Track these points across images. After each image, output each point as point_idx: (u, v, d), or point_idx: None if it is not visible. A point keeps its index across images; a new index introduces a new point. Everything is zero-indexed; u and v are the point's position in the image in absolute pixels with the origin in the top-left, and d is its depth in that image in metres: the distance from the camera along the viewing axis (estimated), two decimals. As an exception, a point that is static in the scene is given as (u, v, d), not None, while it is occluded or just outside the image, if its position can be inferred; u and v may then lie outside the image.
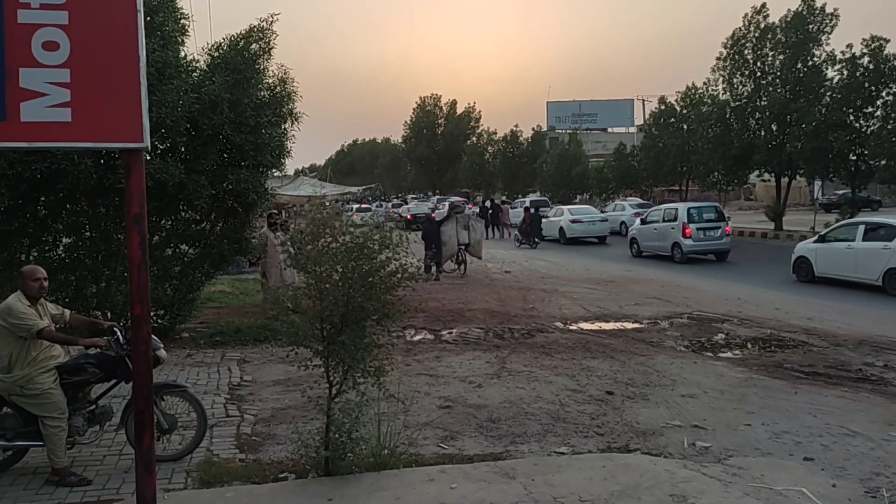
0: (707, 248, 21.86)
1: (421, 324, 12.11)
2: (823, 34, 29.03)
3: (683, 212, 22.05)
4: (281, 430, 6.54)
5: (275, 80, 9.75)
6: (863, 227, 15.96)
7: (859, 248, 15.51)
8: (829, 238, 16.69)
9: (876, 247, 15.12)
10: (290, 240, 5.74)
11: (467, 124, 71.98)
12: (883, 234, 15.19)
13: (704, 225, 21.69)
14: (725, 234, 21.92)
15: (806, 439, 6.30)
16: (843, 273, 15.96)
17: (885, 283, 14.76)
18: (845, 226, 17.14)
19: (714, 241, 21.69)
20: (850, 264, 15.69)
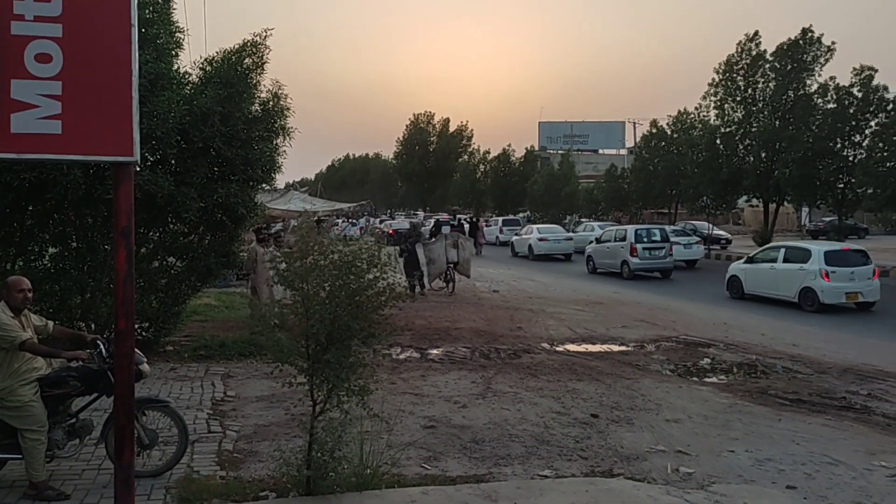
0: (652, 266, 23.82)
1: (407, 342, 12.08)
2: (818, 65, 29.48)
3: (631, 233, 24.28)
4: (263, 448, 6.48)
5: (268, 95, 9.77)
6: (784, 249, 17.96)
7: (780, 269, 17.39)
8: (756, 259, 18.56)
9: (793, 268, 16.99)
10: (278, 255, 5.73)
11: (459, 142, 72.19)
12: (800, 257, 17.09)
13: (650, 245, 23.78)
14: (670, 255, 24.06)
15: (789, 467, 6.31)
16: (767, 290, 17.75)
17: (800, 300, 16.65)
18: (770, 248, 19.09)
19: (659, 260, 23.77)
20: (773, 283, 17.53)
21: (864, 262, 16.80)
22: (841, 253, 17.14)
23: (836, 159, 27.53)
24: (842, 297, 16.29)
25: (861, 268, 16.65)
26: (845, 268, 16.45)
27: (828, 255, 16.71)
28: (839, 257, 16.76)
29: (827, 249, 17.23)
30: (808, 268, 16.60)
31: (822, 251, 16.95)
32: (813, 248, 17.34)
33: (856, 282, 16.43)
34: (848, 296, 16.32)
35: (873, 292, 16.59)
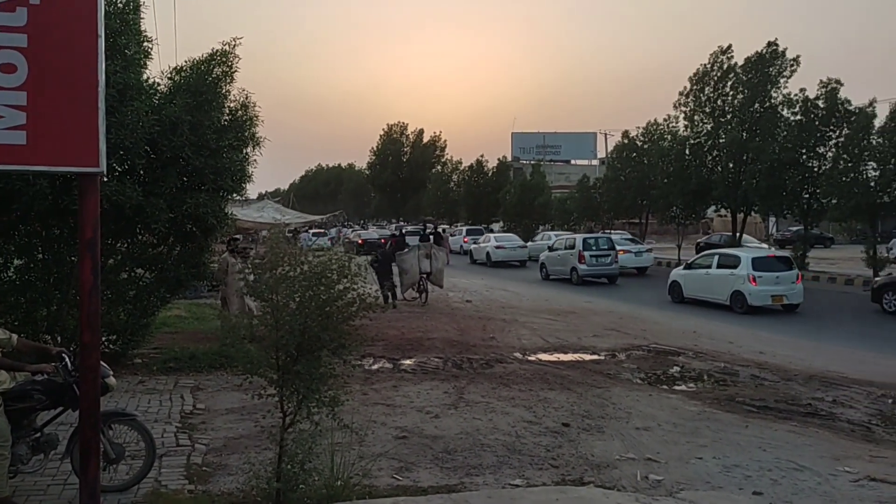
0: (599, 272, 25.55)
1: (380, 352, 12.05)
2: (783, 77, 30.06)
3: (580, 241, 26.03)
4: (233, 461, 6.42)
5: (237, 105, 9.74)
6: (717, 256, 19.59)
7: (714, 274, 18.84)
8: (694, 266, 20.10)
9: (725, 273, 18.43)
10: (247, 267, 5.70)
11: (433, 153, 72.28)
12: (731, 263, 18.52)
13: (597, 253, 25.44)
14: (615, 262, 25.68)
15: (756, 473, 6.40)
16: (703, 294, 19.14)
17: (731, 302, 18.03)
18: (705, 255, 20.62)
19: (605, 267, 25.43)
20: (708, 287, 18.96)
21: (788, 268, 18.31)
22: (767, 259, 18.60)
23: (802, 170, 28.01)
24: (768, 299, 17.67)
25: (785, 273, 18.06)
26: (771, 273, 17.87)
27: (755, 261, 18.14)
28: (765, 263, 18.19)
29: (754, 256, 18.72)
30: (738, 273, 18.03)
31: (750, 258, 18.38)
32: (742, 255, 18.81)
33: (781, 285, 17.80)
34: (774, 298, 17.69)
35: (797, 295, 17.91)
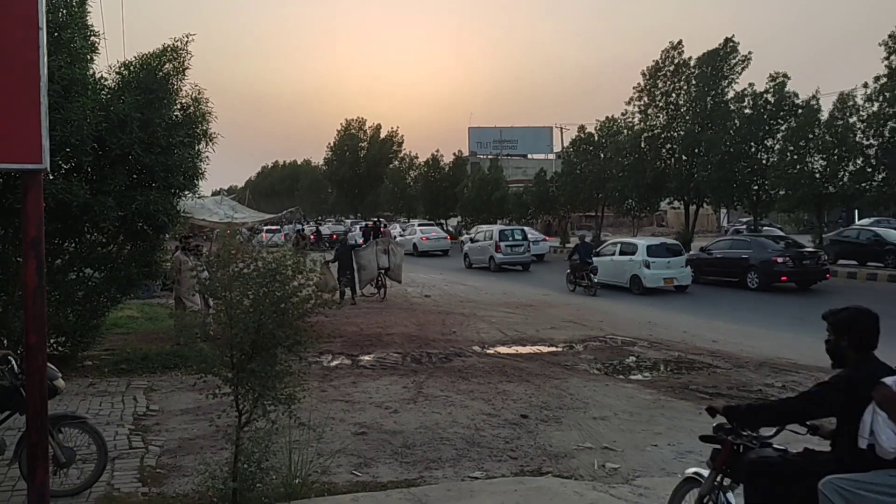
0: (514, 260, 28.12)
1: (338, 349, 11.99)
2: (735, 73, 30.77)
3: (496, 233, 28.78)
4: (188, 462, 6.32)
5: (188, 100, 9.56)
6: (619, 245, 22.05)
7: (616, 260, 21.18)
8: (602, 254, 22.18)
9: (625, 259, 20.83)
10: (200, 264, 5.61)
11: (390, 148, 71.98)
12: (630, 250, 21.01)
13: (512, 243, 28.06)
14: (528, 251, 28.48)
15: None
16: (609, 279, 20.95)
17: (630, 285, 20.26)
18: (610, 244, 23.15)
19: (519, 256, 28.13)
20: (612, 272, 20.99)
21: (678, 253, 20.76)
22: (660, 246, 21.00)
23: (751, 162, 28.75)
24: (660, 281, 19.89)
25: (676, 258, 20.46)
26: (663, 258, 20.22)
27: (649, 248, 20.51)
28: (658, 250, 20.55)
29: (649, 244, 21.14)
30: (635, 259, 20.37)
31: (646, 245, 20.83)
32: (638, 243, 21.46)
33: (671, 269, 20.08)
34: (665, 280, 19.96)
35: (686, 278, 20.26)
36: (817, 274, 20.19)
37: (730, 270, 21.07)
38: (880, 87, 23.28)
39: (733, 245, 22.28)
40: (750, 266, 20.49)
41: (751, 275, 20.42)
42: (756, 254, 20.64)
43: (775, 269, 19.82)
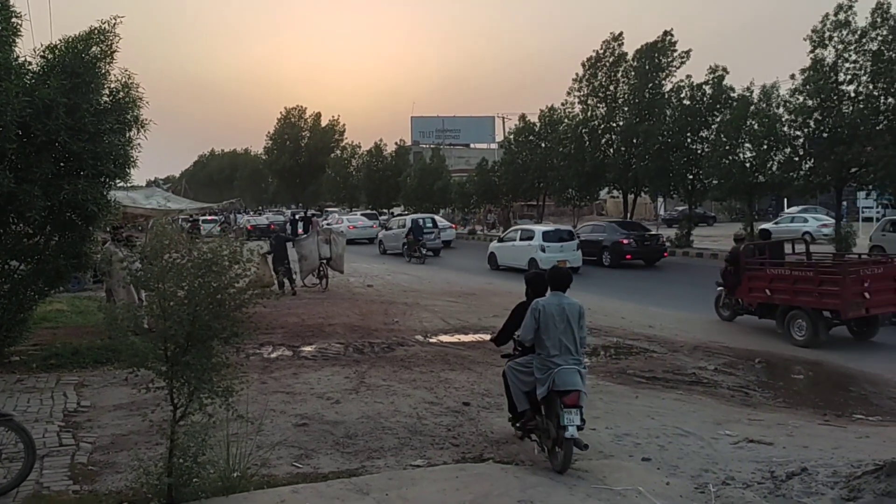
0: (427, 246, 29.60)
1: (279, 340, 11.82)
2: (672, 67, 31.46)
3: (409, 221, 30.71)
4: (121, 458, 6.14)
5: (118, 86, 9.21)
6: (520, 231, 24.55)
7: (518, 245, 23.32)
8: (505, 239, 24.76)
9: (524, 244, 22.93)
10: (131, 255, 5.44)
11: (332, 137, 71.08)
12: (528, 236, 23.29)
13: (425, 231, 29.92)
14: (438, 238, 30.94)
15: (645, 440, 6.72)
16: (511, 262, 23.04)
17: (529, 267, 20.68)
18: (512, 231, 25.63)
19: (431, 242, 30.03)
20: (514, 256, 23.08)
21: (570, 238, 23.19)
22: (554, 231, 23.54)
23: (686, 153, 29.49)
24: (554, 263, 19.91)
25: (568, 242, 22.81)
26: (557, 243, 22.53)
27: (545, 233, 22.92)
28: (553, 235, 22.99)
29: (544, 230, 23.56)
30: (533, 243, 22.53)
31: (542, 231, 23.27)
32: (536, 229, 23.84)
33: (564, 252, 22.06)
34: (559, 262, 20.49)
35: (577, 260, 22.45)
36: (657, 253, 24.77)
37: (591, 250, 24.18)
38: (805, 80, 24.13)
39: (593, 230, 26.28)
40: (604, 247, 24.56)
41: (605, 254, 24.50)
42: (608, 237, 24.79)
43: (623, 249, 24.09)
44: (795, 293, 11.84)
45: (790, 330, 11.86)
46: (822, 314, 11.50)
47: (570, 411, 5.69)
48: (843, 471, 5.19)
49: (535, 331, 5.96)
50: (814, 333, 11.44)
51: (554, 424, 5.81)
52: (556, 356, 5.85)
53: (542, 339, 5.92)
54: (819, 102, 23.62)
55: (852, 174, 23.70)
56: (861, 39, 22.88)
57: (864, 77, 23.04)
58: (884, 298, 11.31)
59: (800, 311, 11.76)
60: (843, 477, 5.01)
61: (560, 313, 5.95)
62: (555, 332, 5.89)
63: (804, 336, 11.58)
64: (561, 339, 5.88)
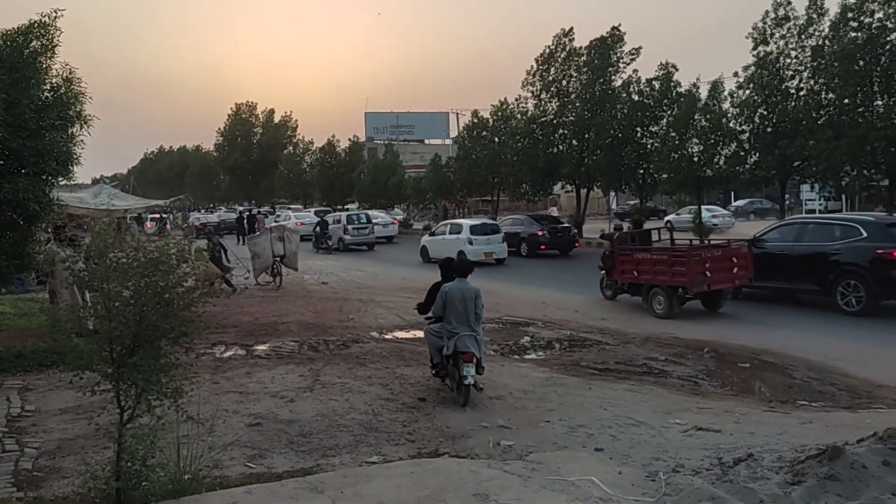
0: (360, 241, 32.46)
1: (232, 339, 11.65)
2: (623, 63, 31.89)
3: (345, 217, 33.47)
4: (68, 463, 5.99)
5: (59, 81, 8.93)
6: (449, 225, 26.33)
7: (447, 239, 24.52)
8: (436, 233, 26.38)
9: (454, 238, 24.29)
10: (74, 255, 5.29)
11: (284, 133, 70.33)
12: (457, 229, 24.98)
13: (358, 226, 32.62)
14: (372, 233, 33.06)
15: (598, 431, 6.82)
16: (441, 255, 22.10)
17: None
18: (442, 225, 27.50)
19: (364, 237, 32.68)
20: (444, 249, 22.85)
21: (496, 232, 24.80)
22: (481, 225, 25.39)
23: (637, 147, 30.01)
24: (481, 255, 23.19)
25: (494, 235, 24.48)
26: (484, 236, 24.23)
27: (472, 227, 24.67)
28: (480, 228, 24.79)
29: (472, 224, 25.49)
30: (461, 237, 24.18)
31: (469, 225, 25.14)
32: (464, 223, 25.72)
33: (491, 245, 23.91)
34: (486, 254, 23.53)
35: (503, 252, 24.16)
36: (570, 244, 27.03)
37: (510, 242, 25.64)
38: (749, 76, 24.76)
39: (513, 223, 28.05)
40: (522, 238, 26.57)
41: (522, 245, 26.45)
42: (525, 229, 26.87)
43: (538, 240, 26.22)
44: (655, 273, 13.86)
45: (652, 304, 13.87)
46: (676, 291, 13.52)
47: (468, 365, 7.68)
48: (788, 456, 5.33)
49: (442, 308, 8.01)
50: (669, 307, 13.48)
51: (458, 373, 7.77)
52: (457, 327, 7.86)
53: (447, 314, 7.95)
54: (763, 98, 24.28)
55: (795, 167, 24.46)
56: (800, 36, 23.60)
57: (804, 73, 23.77)
58: (722, 276, 13.44)
59: (659, 289, 13.74)
60: (788, 462, 5.15)
61: (461, 296, 7.94)
62: (456, 310, 7.89)
63: (662, 309, 13.61)
64: (461, 315, 7.90)
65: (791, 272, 14.06)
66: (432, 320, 8.54)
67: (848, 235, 13.35)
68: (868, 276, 12.75)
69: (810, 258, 13.70)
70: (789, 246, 14.24)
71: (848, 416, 7.39)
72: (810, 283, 13.79)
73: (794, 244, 14.19)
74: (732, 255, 13.82)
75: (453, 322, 7.88)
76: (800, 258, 13.94)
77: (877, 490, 4.37)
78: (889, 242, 12.73)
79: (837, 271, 13.16)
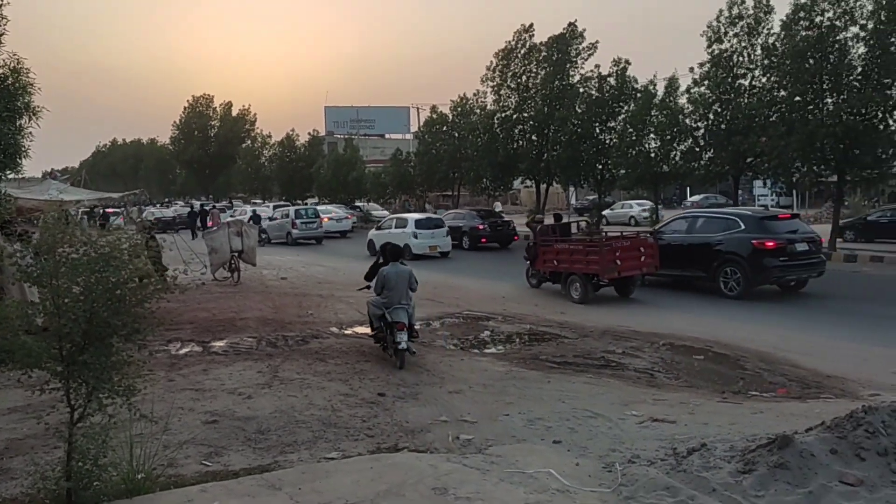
0: (308, 235, 33.11)
1: (188, 336, 11.47)
2: (581, 58, 32.17)
3: (293, 212, 34.33)
4: (16, 464, 5.82)
5: (5, 71, 8.65)
6: (395, 219, 27.23)
7: (393, 233, 24.91)
8: (382, 227, 27.08)
9: (399, 231, 25.06)
10: (21, 250, 5.13)
11: (242, 127, 69.26)
12: (403, 224, 25.82)
13: (306, 220, 33.40)
14: (320, 227, 33.77)
15: (556, 424, 6.88)
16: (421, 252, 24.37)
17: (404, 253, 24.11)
18: (388, 219, 28.52)
19: (313, 231, 33.33)
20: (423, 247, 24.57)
21: (440, 226, 25.61)
22: (426, 220, 26.26)
23: (596, 143, 30.33)
24: (426, 248, 24.64)
25: (438, 230, 25.32)
26: (428, 230, 25.09)
27: (417, 221, 25.55)
28: (425, 223, 25.66)
29: (417, 218, 26.15)
30: (406, 230, 24.98)
31: (414, 219, 25.83)
32: (409, 217, 26.34)
33: (435, 239, 24.92)
34: (430, 248, 24.75)
35: (447, 245, 25.20)
36: (509, 237, 28.24)
37: (453, 235, 26.54)
38: (703, 74, 25.20)
39: (455, 217, 29.32)
40: (464, 232, 27.90)
41: (464, 238, 27.77)
42: (467, 223, 28.28)
43: (479, 233, 27.67)
44: (572, 262, 15.15)
45: (570, 291, 15.18)
46: (591, 278, 14.80)
47: (401, 333, 9.28)
48: (739, 445, 5.46)
49: (381, 287, 9.76)
50: (585, 293, 14.79)
51: (393, 340, 9.38)
52: (393, 302, 9.60)
53: (385, 291, 9.71)
54: (718, 95, 24.74)
55: (748, 164, 24.97)
56: (751, 34, 24.10)
57: (756, 71, 24.29)
58: (631, 264, 14.73)
59: (575, 276, 15.07)
60: (739, 451, 5.27)
61: (395, 277, 9.70)
62: (392, 288, 9.66)
63: (579, 295, 14.93)
64: (396, 292, 9.65)
65: (684, 261, 15.46)
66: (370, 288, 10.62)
67: (730, 228, 14.85)
68: (745, 264, 14.30)
69: (699, 248, 15.26)
70: (682, 237, 15.80)
71: (797, 405, 7.59)
72: (699, 270, 15.27)
73: (686, 235, 15.76)
74: (640, 245, 15.16)
75: (390, 297, 9.64)
76: (690, 248, 15.47)
77: (824, 478, 4.51)
78: (763, 234, 14.33)
79: (720, 260, 14.71)
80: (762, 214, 15.85)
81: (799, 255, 14.42)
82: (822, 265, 15.01)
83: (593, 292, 14.88)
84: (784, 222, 15.02)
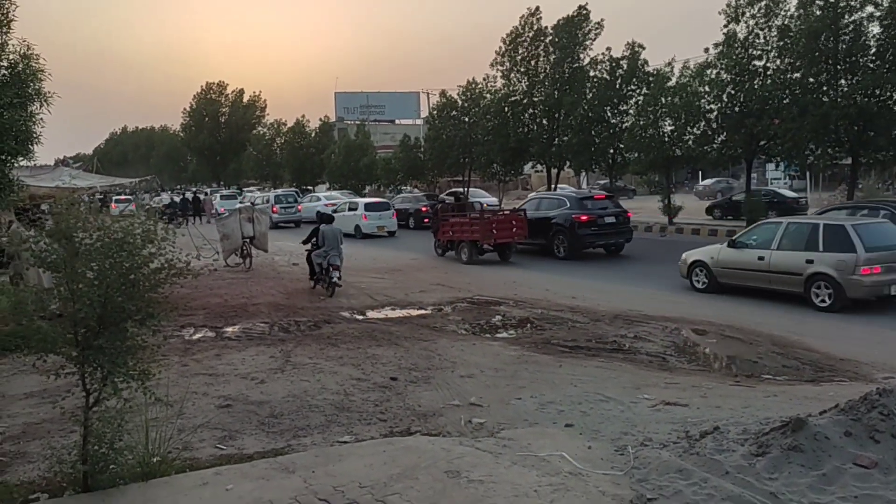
0: (287, 219, 36.20)
1: (201, 321, 11.55)
2: (589, 40, 31.85)
3: (273, 197, 37.48)
4: (33, 448, 5.90)
5: (16, 57, 8.67)
6: (348, 203, 30.14)
7: (346, 215, 27.97)
8: (337, 210, 28.69)
9: (351, 214, 28.64)
10: (35, 236, 5.16)
11: (253, 114, 69.19)
12: (354, 207, 29.51)
13: (286, 206, 36.77)
14: (298, 211, 36.65)
15: (568, 407, 6.88)
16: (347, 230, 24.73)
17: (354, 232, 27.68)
18: (342, 203, 31.10)
19: (292, 216, 36.56)
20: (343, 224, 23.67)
21: (387, 209, 29.10)
22: (374, 203, 29.89)
23: (607, 126, 30.09)
24: (374, 229, 28.08)
25: (385, 212, 28.80)
26: (377, 212, 28.64)
27: (367, 205, 29.35)
28: (373, 206, 29.25)
29: (366, 202, 30.14)
30: (357, 213, 28.68)
31: (364, 203, 29.89)
32: (359, 201, 30.25)
33: (382, 220, 28.36)
34: (378, 228, 28.13)
35: (393, 225, 28.74)
36: None
37: (401, 217, 30.24)
38: (719, 54, 24.91)
39: (403, 201, 33.60)
40: (410, 214, 31.37)
41: (411, 219, 31.03)
42: (412, 206, 32.17)
43: (422, 215, 30.11)
44: (463, 232, 19.65)
45: (460, 254, 19.74)
46: (475, 244, 19.20)
47: (335, 271, 13.96)
48: (753, 428, 5.44)
49: (322, 240, 14.30)
50: (471, 256, 19.20)
51: (329, 278, 13.83)
52: (329, 251, 14.17)
53: (324, 243, 14.19)
54: (732, 77, 24.45)
55: (762, 146, 24.73)
56: (768, 14, 23.77)
57: (771, 53, 23.99)
58: (505, 234, 19.28)
59: (465, 243, 19.54)
60: (753, 434, 5.26)
61: (331, 233, 14.43)
62: (328, 240, 14.23)
63: (466, 257, 19.36)
64: (331, 243, 14.24)
65: (534, 232, 19.71)
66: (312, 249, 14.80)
67: (560, 206, 19.96)
68: (568, 233, 19.32)
69: (541, 221, 19.88)
70: (533, 213, 20.18)
71: (811, 388, 7.56)
72: (542, 239, 20.03)
73: (535, 212, 20.26)
74: (512, 219, 19.84)
75: (327, 248, 14.23)
76: (537, 221, 19.83)
77: (838, 460, 4.49)
78: (581, 210, 19.36)
79: (554, 230, 19.68)
80: (582, 195, 21.21)
81: (607, 227, 19.50)
82: (630, 233, 20.18)
83: (477, 255, 19.17)
84: (598, 202, 20.18)
